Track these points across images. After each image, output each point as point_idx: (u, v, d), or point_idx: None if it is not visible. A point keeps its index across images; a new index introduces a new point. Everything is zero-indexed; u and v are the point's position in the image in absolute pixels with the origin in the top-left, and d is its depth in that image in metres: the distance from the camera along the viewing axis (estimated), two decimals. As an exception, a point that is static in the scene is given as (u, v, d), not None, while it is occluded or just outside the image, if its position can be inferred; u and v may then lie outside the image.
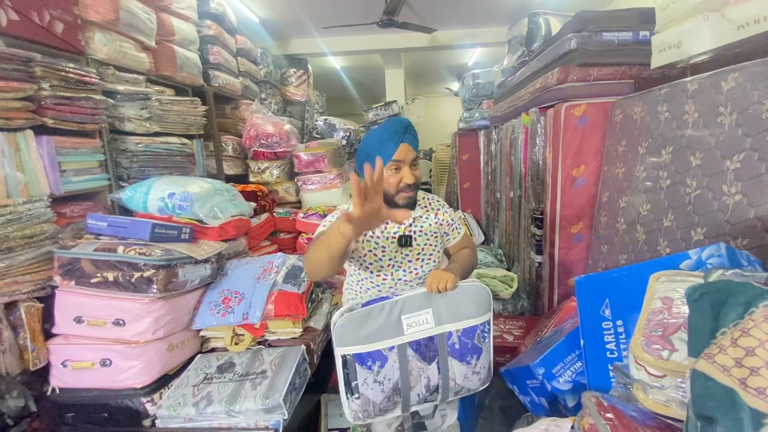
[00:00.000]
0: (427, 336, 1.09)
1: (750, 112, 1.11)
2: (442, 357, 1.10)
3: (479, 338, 1.14)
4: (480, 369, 1.17)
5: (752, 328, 0.45)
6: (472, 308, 1.11)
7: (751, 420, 0.40)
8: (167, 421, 1.30)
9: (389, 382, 1.07)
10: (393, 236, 1.21)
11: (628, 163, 1.71)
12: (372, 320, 1.06)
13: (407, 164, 1.14)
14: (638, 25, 1.95)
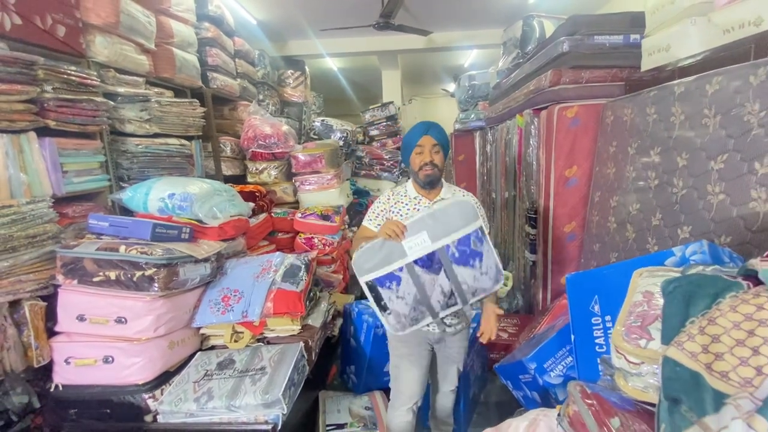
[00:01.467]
0: (428, 252, 1.30)
1: (733, 114, 1.15)
2: (447, 266, 1.31)
3: (475, 244, 1.33)
4: (487, 269, 1.34)
5: (718, 317, 0.49)
6: (459, 221, 1.32)
7: (713, 400, 0.44)
8: (169, 416, 1.33)
9: (409, 296, 1.32)
10: (423, 208, 1.51)
11: (618, 163, 1.75)
12: (379, 251, 1.31)
13: (427, 148, 1.47)
14: (629, 28, 2.00)
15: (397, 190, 1.60)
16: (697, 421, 0.45)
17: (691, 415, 0.45)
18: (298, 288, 1.63)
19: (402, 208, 1.52)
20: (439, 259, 1.31)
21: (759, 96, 1.07)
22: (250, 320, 1.54)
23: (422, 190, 1.53)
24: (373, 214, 1.56)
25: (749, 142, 1.09)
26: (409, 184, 1.58)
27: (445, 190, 1.55)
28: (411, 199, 1.53)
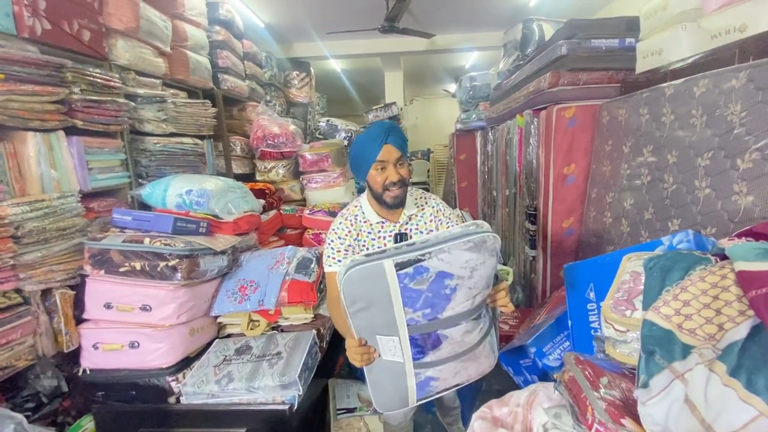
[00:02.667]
0: (405, 344, 1.01)
1: (717, 114, 1.24)
2: (437, 326, 1.00)
3: (421, 282, 0.96)
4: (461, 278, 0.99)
5: (689, 285, 0.58)
6: (384, 303, 1.00)
7: (681, 350, 0.53)
8: (191, 397, 1.42)
9: None
10: (389, 234, 1.32)
11: (614, 161, 1.84)
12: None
13: (391, 163, 1.24)
14: (624, 32, 2.09)
15: (353, 215, 1.35)
16: (667, 366, 0.54)
17: (663, 361, 0.54)
18: (311, 279, 1.72)
19: (367, 240, 1.31)
20: (427, 333, 1.00)
21: (740, 98, 1.16)
22: (266, 309, 1.63)
23: (385, 212, 1.32)
24: (337, 253, 1.29)
25: (732, 140, 1.19)
26: (365, 203, 1.35)
27: (409, 204, 1.34)
28: (373, 226, 1.33)
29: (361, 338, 1.03)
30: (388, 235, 1.33)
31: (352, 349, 1.03)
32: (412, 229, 1.35)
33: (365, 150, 1.26)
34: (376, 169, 1.25)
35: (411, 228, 1.35)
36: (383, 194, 1.26)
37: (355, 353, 1.02)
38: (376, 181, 1.25)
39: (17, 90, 1.33)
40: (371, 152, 1.24)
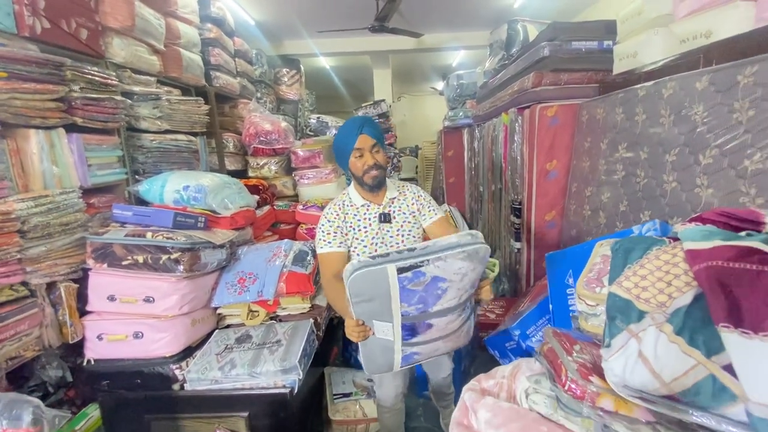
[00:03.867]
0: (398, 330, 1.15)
1: (683, 114, 1.36)
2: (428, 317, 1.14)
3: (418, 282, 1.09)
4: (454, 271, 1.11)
5: (646, 263, 0.68)
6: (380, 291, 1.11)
7: (637, 315, 0.63)
8: (196, 383, 1.49)
9: None
10: (374, 215, 1.46)
11: (592, 157, 1.96)
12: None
13: (367, 150, 1.40)
14: (603, 35, 2.20)
15: (342, 201, 1.50)
16: (625, 328, 0.64)
17: (622, 325, 0.64)
18: (307, 271, 1.79)
19: (354, 222, 1.44)
20: (417, 323, 1.13)
21: (702, 99, 1.28)
22: (265, 299, 1.69)
23: (369, 195, 1.46)
24: (328, 235, 1.42)
25: (695, 138, 1.31)
26: (352, 190, 1.51)
27: (391, 189, 1.50)
28: (359, 209, 1.46)
29: (359, 320, 1.15)
30: (373, 216, 1.46)
31: (350, 328, 1.16)
32: (395, 210, 1.48)
33: (344, 141, 1.42)
34: (355, 156, 1.41)
35: (394, 209, 1.48)
36: (363, 177, 1.41)
37: (353, 331, 1.16)
38: (357, 167, 1.41)
39: (20, 88, 1.36)
40: (350, 142, 1.40)
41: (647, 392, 0.60)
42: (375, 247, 1.43)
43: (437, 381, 1.73)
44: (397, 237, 1.46)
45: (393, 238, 1.46)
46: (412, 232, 1.48)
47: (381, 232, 1.45)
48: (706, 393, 0.54)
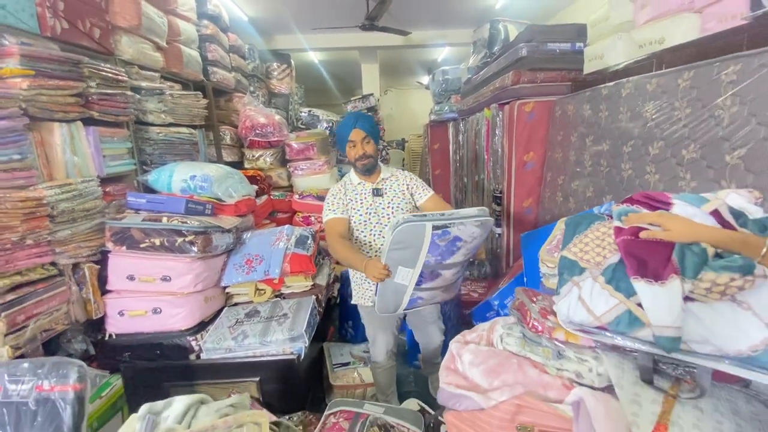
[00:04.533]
0: (418, 276, 1.46)
1: (636, 111, 1.58)
2: (444, 267, 1.47)
3: (442, 239, 1.41)
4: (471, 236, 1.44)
5: (589, 233, 0.88)
6: (416, 241, 1.41)
7: (579, 270, 0.84)
8: (211, 353, 1.65)
9: None
10: (369, 191, 1.76)
11: (564, 149, 2.18)
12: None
13: (359, 142, 1.70)
14: (575, 38, 2.42)
15: (345, 181, 1.82)
16: (570, 280, 0.84)
17: (568, 277, 0.84)
18: (309, 252, 1.97)
19: (353, 196, 1.75)
20: (432, 270, 1.43)
21: (652, 98, 1.50)
22: (271, 278, 1.86)
23: (363, 177, 1.77)
24: (333, 205, 1.74)
25: (646, 132, 1.53)
26: (352, 173, 1.82)
27: (384, 172, 1.79)
28: (356, 186, 1.76)
29: (386, 264, 1.43)
30: (368, 191, 1.76)
31: (377, 269, 1.42)
32: (387, 188, 1.78)
33: (341, 133, 1.76)
34: (349, 147, 1.73)
35: (385, 187, 1.78)
36: (356, 163, 1.74)
37: (378, 273, 1.42)
38: (350, 155, 1.75)
39: (45, 85, 1.48)
40: (345, 134, 1.73)
41: (585, 325, 0.80)
42: (369, 216, 1.73)
43: (428, 351, 1.96)
44: (387, 209, 1.74)
45: (384, 209, 1.74)
46: (401, 206, 1.75)
47: (374, 204, 1.74)
48: (625, 323, 0.75)
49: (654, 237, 0.78)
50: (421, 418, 1.52)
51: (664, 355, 0.74)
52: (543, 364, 0.91)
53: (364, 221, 1.72)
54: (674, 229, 0.76)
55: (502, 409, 0.85)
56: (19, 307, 1.36)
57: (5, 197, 1.31)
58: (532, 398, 0.84)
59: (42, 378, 1.20)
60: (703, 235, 0.74)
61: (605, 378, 0.81)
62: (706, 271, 0.70)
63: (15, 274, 1.37)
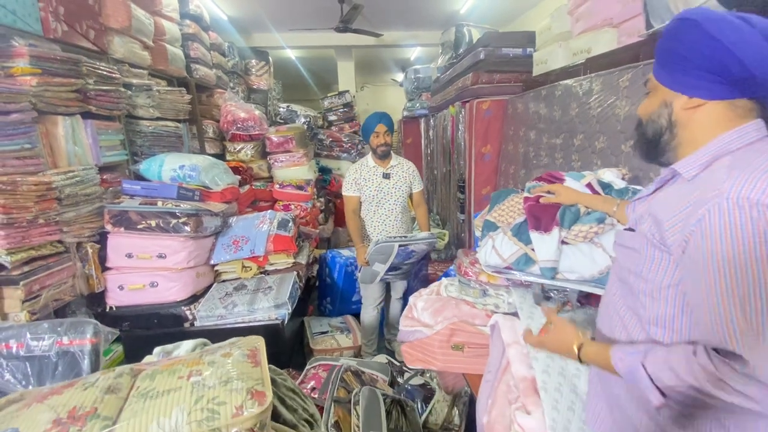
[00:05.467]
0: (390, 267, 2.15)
1: (565, 109, 1.90)
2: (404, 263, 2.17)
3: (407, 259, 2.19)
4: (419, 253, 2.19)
5: (505, 202, 1.18)
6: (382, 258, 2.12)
7: (494, 228, 1.13)
8: (204, 320, 1.88)
9: None
10: (380, 174, 2.29)
11: (515, 142, 2.50)
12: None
13: (381, 133, 2.26)
14: (526, 44, 2.74)
15: (362, 162, 2.36)
16: (487, 234, 1.13)
17: (486, 233, 1.14)
18: (290, 233, 2.21)
19: (367, 176, 2.30)
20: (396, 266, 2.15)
21: (575, 99, 1.82)
22: (256, 255, 2.09)
23: (378, 161, 2.31)
24: (348, 184, 2.32)
25: (571, 127, 1.85)
26: (369, 156, 2.35)
27: (394, 159, 2.35)
28: (371, 168, 2.32)
29: (369, 260, 2.12)
30: (379, 174, 2.30)
31: (361, 257, 2.20)
32: (394, 173, 2.32)
33: (369, 125, 2.30)
34: (373, 136, 2.27)
35: (393, 172, 2.32)
36: (376, 149, 2.27)
37: (361, 260, 2.21)
38: (373, 142, 2.28)
39: (51, 82, 1.65)
40: (372, 126, 2.28)
41: (498, 266, 1.09)
42: (377, 193, 2.28)
43: (393, 316, 2.36)
44: (392, 189, 2.30)
45: (389, 189, 2.29)
46: (401, 188, 2.31)
47: (382, 184, 2.28)
48: (522, 262, 1.04)
49: (548, 201, 1.08)
50: (388, 368, 1.80)
51: (549, 284, 1.04)
52: (473, 302, 1.20)
53: (372, 196, 2.29)
54: (562, 195, 1.06)
55: (441, 333, 1.14)
56: (34, 278, 1.55)
57: (22, 181, 1.50)
58: (463, 324, 1.13)
59: (61, 335, 1.40)
60: (579, 199, 1.04)
61: (514, 306, 1.10)
62: (577, 223, 1.00)
63: (30, 249, 1.56)
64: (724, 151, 0.63)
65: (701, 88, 0.65)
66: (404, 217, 2.36)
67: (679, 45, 0.66)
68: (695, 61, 0.64)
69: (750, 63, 0.59)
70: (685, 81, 0.66)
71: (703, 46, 0.63)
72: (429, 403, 1.60)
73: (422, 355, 1.19)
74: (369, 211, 2.33)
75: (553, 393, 0.85)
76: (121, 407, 0.75)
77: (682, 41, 0.65)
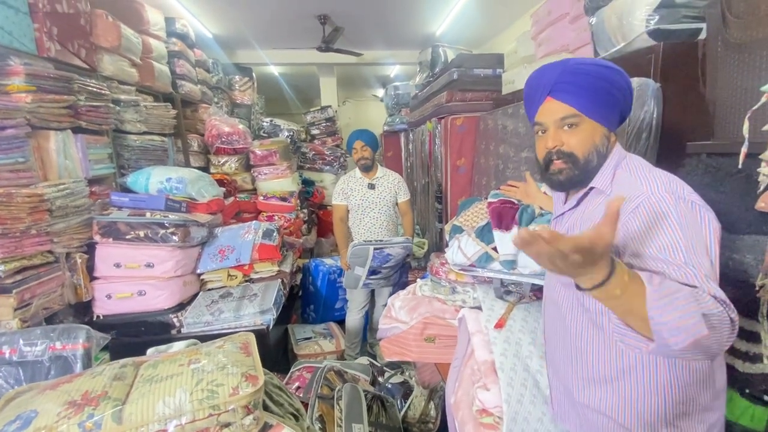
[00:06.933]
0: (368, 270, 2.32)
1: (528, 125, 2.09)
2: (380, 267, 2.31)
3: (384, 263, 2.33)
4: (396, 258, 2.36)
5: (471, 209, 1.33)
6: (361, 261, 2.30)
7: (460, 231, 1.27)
8: (192, 326, 1.94)
9: None
10: (366, 185, 2.49)
11: (487, 156, 2.68)
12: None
13: (359, 149, 2.46)
14: (495, 65, 2.95)
15: (350, 174, 2.60)
16: (455, 236, 1.28)
17: (454, 235, 1.28)
18: (275, 243, 2.30)
19: (353, 186, 2.51)
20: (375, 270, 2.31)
21: (537, 118, 2.01)
22: (242, 263, 2.18)
23: (363, 173, 2.53)
24: (337, 194, 2.53)
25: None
26: (356, 170, 2.58)
27: (380, 171, 2.57)
28: (357, 179, 2.54)
29: (350, 264, 2.30)
30: (365, 185, 2.50)
31: (344, 262, 2.41)
32: (379, 184, 2.51)
33: (349, 142, 2.54)
34: (353, 151, 2.49)
35: (378, 183, 2.51)
36: (357, 162, 2.49)
37: (344, 264, 2.41)
38: (354, 156, 2.50)
39: (44, 99, 1.73)
40: (351, 142, 2.50)
41: (463, 265, 1.23)
42: (362, 202, 2.48)
43: (375, 316, 2.53)
44: (377, 199, 2.49)
45: (374, 199, 2.49)
46: (386, 198, 2.51)
47: (367, 194, 2.48)
48: (484, 260, 1.19)
49: (509, 192, 1.24)
50: (369, 368, 1.90)
51: (506, 278, 1.18)
52: (444, 299, 1.33)
53: (358, 205, 2.49)
54: (520, 190, 1.24)
55: (415, 327, 1.26)
56: (26, 287, 1.60)
57: (16, 193, 1.56)
58: (435, 318, 1.26)
59: (54, 340, 1.46)
60: (535, 199, 1.21)
61: (478, 300, 1.24)
62: (533, 223, 1.16)
63: (22, 258, 1.61)
64: (615, 164, 0.81)
65: (614, 123, 0.84)
66: (389, 225, 2.52)
67: (612, 89, 0.82)
68: (615, 101, 0.82)
69: (630, 104, 0.85)
70: (609, 116, 0.83)
71: (627, 94, 0.84)
72: (408, 399, 1.71)
73: (398, 348, 1.31)
74: (355, 219, 2.52)
75: (509, 372, 0.98)
76: (128, 392, 0.84)
77: (617, 87, 0.82)
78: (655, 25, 1.36)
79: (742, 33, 1.03)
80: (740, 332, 0.98)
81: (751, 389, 0.98)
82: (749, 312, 0.95)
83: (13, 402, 0.87)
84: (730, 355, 1.00)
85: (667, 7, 1.36)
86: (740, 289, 0.96)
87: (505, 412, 0.94)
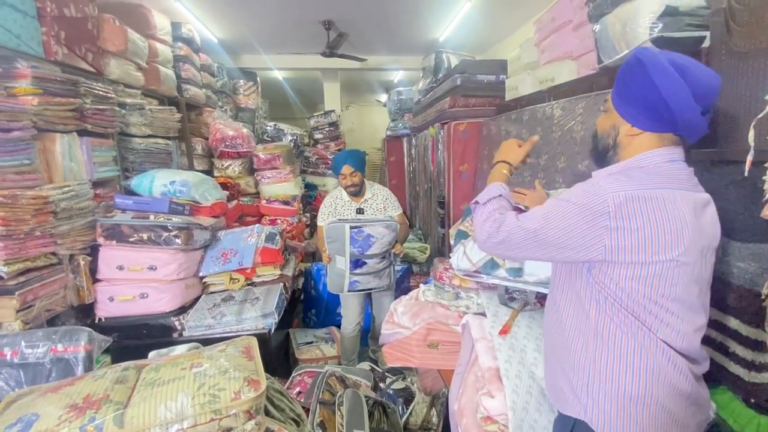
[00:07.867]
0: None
1: (532, 132, 2.09)
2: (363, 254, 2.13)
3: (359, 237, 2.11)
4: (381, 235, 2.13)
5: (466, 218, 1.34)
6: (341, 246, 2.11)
7: (465, 236, 1.27)
8: (193, 330, 1.94)
9: None
10: (354, 209, 2.32)
11: (490, 162, 2.68)
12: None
13: (348, 174, 2.26)
14: (499, 71, 2.96)
15: (336, 194, 2.38)
16: (460, 242, 1.27)
17: (459, 240, 1.28)
18: (277, 246, 2.30)
19: (341, 211, 2.33)
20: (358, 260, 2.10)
21: (540, 123, 2.01)
22: (244, 267, 2.18)
23: (350, 197, 2.34)
24: (323, 215, 2.34)
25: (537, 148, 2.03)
26: (342, 190, 2.36)
27: (368, 192, 2.36)
28: (345, 202, 2.35)
29: (330, 255, 2.12)
30: (354, 209, 2.33)
31: (325, 256, 2.20)
32: (368, 206, 2.34)
33: (335, 166, 2.33)
34: (341, 177, 2.29)
35: (367, 206, 2.34)
36: (345, 189, 2.31)
37: (325, 258, 2.20)
38: (341, 183, 2.31)
39: (51, 102, 1.75)
40: (338, 168, 2.29)
41: (468, 270, 1.23)
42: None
43: (377, 326, 2.37)
44: None
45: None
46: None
47: (356, 218, 2.28)
48: (489, 266, 1.18)
49: (516, 199, 1.24)
50: (371, 374, 1.89)
51: (511, 286, 1.18)
52: (448, 305, 1.32)
53: None
54: (527, 198, 1.23)
55: (418, 332, 1.26)
56: (29, 288, 1.60)
57: (21, 195, 1.57)
58: (438, 324, 1.25)
59: (56, 342, 1.46)
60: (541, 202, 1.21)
61: (482, 306, 1.23)
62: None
63: (26, 260, 1.61)
64: (634, 165, 0.79)
65: (640, 120, 0.81)
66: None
67: (630, 81, 0.81)
68: (638, 98, 0.80)
69: (675, 111, 0.75)
70: (630, 111, 0.82)
71: (645, 89, 0.77)
72: (410, 406, 1.70)
73: (401, 354, 1.30)
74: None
75: (514, 379, 0.97)
76: (130, 395, 0.83)
77: (633, 79, 0.80)
78: (658, 33, 1.36)
79: (745, 42, 1.03)
80: (746, 341, 0.97)
81: (756, 399, 0.97)
82: (755, 321, 0.94)
83: (14, 404, 0.87)
84: (735, 364, 1.00)
85: (671, 15, 1.36)
86: (745, 297, 0.95)
87: (511, 419, 0.93)
